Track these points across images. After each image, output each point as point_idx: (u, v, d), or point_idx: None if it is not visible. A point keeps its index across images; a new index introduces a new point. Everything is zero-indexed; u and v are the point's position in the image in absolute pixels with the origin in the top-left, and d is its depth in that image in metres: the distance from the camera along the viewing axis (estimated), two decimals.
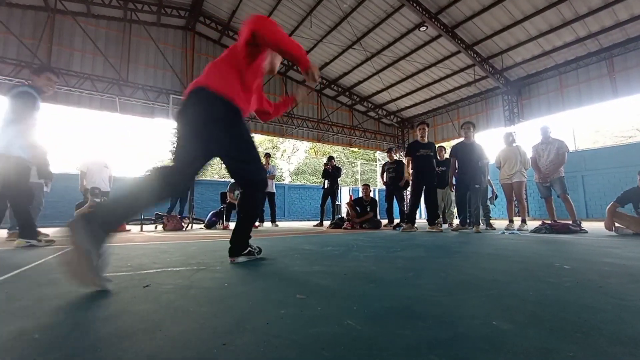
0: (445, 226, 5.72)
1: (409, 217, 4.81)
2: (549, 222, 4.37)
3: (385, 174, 6.52)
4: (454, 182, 5.24)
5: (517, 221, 5.22)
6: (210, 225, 6.20)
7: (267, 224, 7.30)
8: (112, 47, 9.79)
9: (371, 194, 6.49)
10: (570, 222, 4.35)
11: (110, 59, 9.56)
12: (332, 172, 7.30)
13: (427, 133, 5.02)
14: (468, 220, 4.92)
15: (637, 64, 8.81)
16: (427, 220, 4.92)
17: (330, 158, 7.62)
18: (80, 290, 1.10)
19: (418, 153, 4.92)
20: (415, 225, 4.88)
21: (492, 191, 5.75)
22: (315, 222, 7.95)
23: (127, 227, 5.77)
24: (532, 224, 5.24)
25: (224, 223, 6.34)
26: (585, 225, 5.21)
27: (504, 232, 4.27)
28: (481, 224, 4.76)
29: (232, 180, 7.18)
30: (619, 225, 3.88)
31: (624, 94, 9.13)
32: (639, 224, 3.71)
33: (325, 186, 7.41)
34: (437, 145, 5.73)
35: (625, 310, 0.85)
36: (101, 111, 9.92)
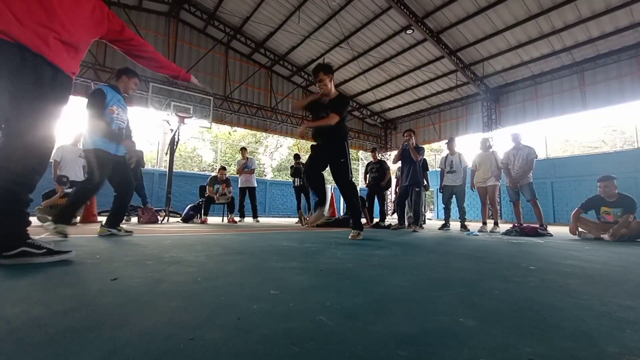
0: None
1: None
2: (519, 225, 4.58)
3: (368, 174, 6.59)
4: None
5: (490, 223, 5.42)
6: (187, 219, 6.05)
7: (249, 219, 7.21)
8: None
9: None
10: (538, 225, 4.58)
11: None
12: (302, 169, 7.29)
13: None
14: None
15: (604, 79, 9.36)
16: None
17: (297, 156, 7.61)
18: (42, 282, 1.04)
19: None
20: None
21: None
22: (296, 220, 7.94)
23: (99, 218, 5.53)
24: (504, 227, 5.47)
25: (202, 217, 6.20)
26: (552, 229, 5.50)
27: (469, 233, 4.45)
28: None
29: (212, 174, 7.03)
30: (582, 230, 4.13)
31: (592, 107, 9.69)
32: (600, 229, 3.96)
33: (296, 184, 7.38)
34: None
35: (582, 308, 0.90)
36: (74, 96, 9.42)
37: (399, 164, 5.43)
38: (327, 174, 3.60)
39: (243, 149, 7.47)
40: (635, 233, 3.60)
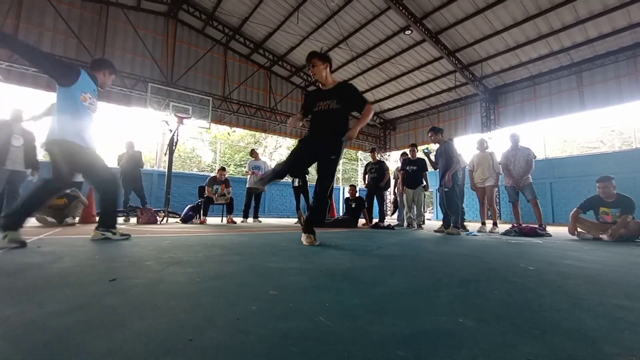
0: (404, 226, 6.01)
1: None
2: (518, 225, 4.58)
3: (367, 175, 6.59)
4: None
5: (489, 224, 5.43)
6: (186, 220, 6.04)
7: (250, 220, 7.21)
8: (87, 30, 9.28)
9: (357, 194, 6.65)
10: (537, 225, 4.58)
11: (84, 41, 9.07)
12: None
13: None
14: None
15: (602, 79, 9.39)
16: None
17: None
18: (40, 283, 1.04)
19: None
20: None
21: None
22: (296, 220, 7.93)
23: (97, 218, 5.52)
24: (503, 227, 5.47)
25: (201, 217, 6.19)
26: (551, 229, 5.51)
27: (468, 234, 4.46)
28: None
29: (211, 174, 7.02)
30: (580, 230, 4.13)
31: (590, 107, 9.71)
32: (599, 229, 3.97)
33: (296, 184, 7.37)
34: (410, 144, 6.46)
35: (580, 308, 0.90)
36: None
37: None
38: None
39: (253, 151, 7.46)
40: (634, 233, 3.61)
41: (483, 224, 5.38)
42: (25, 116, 4.28)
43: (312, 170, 7.11)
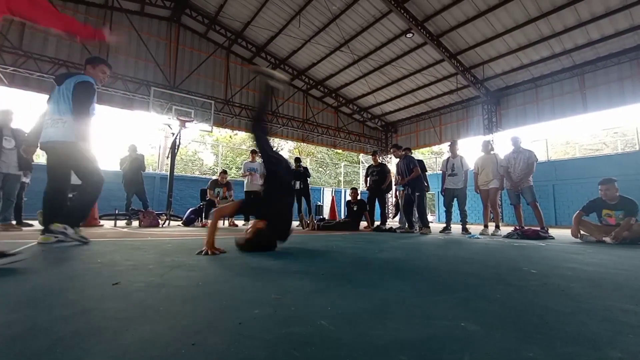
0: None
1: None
2: (521, 228, 4.56)
3: (369, 178, 6.59)
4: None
5: (492, 226, 5.40)
6: (188, 223, 6.05)
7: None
8: None
9: (358, 197, 6.64)
10: (539, 228, 4.56)
11: (88, 46, 9.15)
12: (304, 173, 7.31)
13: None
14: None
15: (605, 81, 9.36)
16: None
17: (298, 159, 7.66)
18: (44, 288, 1.04)
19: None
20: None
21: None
22: (297, 223, 7.93)
23: (101, 222, 5.55)
24: (505, 230, 5.44)
25: (203, 221, 6.20)
26: (554, 232, 5.48)
27: (471, 236, 4.45)
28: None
29: (213, 177, 7.03)
30: (583, 232, 4.10)
31: (592, 109, 9.68)
32: (602, 232, 3.94)
33: (297, 187, 7.39)
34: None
35: (584, 312, 0.90)
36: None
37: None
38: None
39: (253, 152, 7.50)
40: (637, 236, 3.58)
41: (486, 226, 5.36)
42: (14, 117, 4.18)
43: (313, 172, 7.09)
